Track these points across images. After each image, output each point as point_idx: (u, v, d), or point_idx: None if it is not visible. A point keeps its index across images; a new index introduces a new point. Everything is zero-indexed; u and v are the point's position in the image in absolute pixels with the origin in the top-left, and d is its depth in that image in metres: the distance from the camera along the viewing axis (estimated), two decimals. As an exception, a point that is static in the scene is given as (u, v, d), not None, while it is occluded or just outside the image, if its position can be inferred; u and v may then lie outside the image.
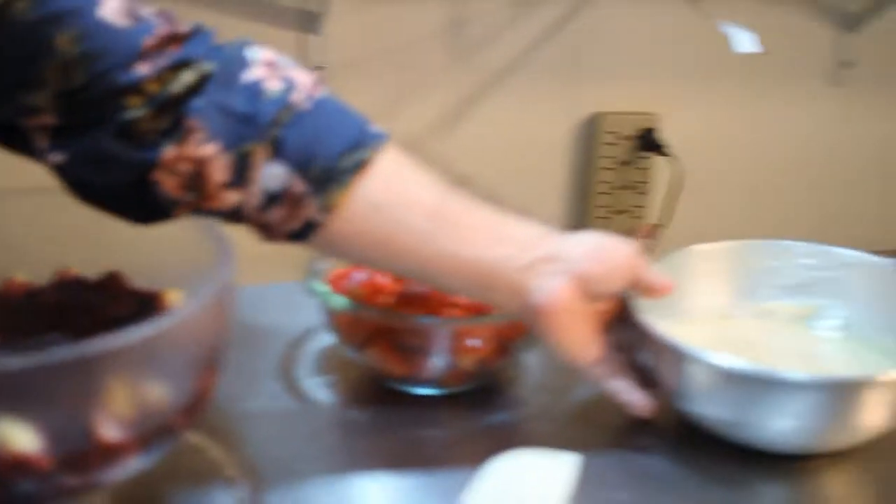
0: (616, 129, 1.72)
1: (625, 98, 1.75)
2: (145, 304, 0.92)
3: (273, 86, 0.92)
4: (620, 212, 1.76)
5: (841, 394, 0.98)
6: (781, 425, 1.00)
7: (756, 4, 1.74)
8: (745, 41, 1.41)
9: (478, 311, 1.10)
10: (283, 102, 0.91)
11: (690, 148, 1.74)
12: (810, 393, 0.98)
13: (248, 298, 1.31)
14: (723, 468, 1.03)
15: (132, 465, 0.78)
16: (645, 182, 1.75)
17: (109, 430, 0.74)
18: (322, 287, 1.12)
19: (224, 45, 0.93)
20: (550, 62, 1.72)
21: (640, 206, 1.77)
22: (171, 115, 0.88)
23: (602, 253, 1.03)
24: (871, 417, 1.00)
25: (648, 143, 1.72)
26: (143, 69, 0.87)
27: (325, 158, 0.92)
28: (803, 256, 1.22)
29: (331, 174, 0.92)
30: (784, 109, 1.84)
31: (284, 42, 1.61)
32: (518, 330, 1.12)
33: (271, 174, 0.91)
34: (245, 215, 0.93)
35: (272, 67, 0.93)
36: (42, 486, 0.73)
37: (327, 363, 1.21)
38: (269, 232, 0.95)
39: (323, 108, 0.94)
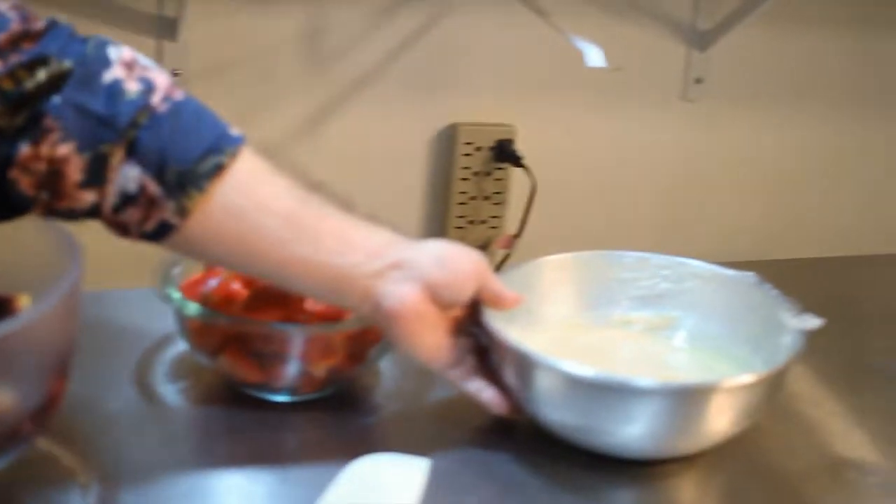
0: (473, 140, 1.74)
1: (482, 110, 1.77)
2: (-6, 309, 0.91)
3: (131, 87, 0.91)
4: (478, 222, 1.77)
5: (687, 400, 1.00)
6: (629, 431, 1.01)
7: (610, 22, 1.78)
8: (594, 56, 1.43)
9: (331, 318, 1.11)
10: (140, 104, 0.91)
11: (546, 159, 1.77)
12: (657, 399, 0.99)
13: (105, 303, 1.30)
14: (572, 473, 1.04)
15: (-20, 471, 0.77)
16: (501, 193, 1.77)
17: (-45, 435, 0.73)
18: (175, 293, 1.11)
19: (86, 40, 0.92)
20: (408, 73, 1.73)
21: (497, 217, 1.78)
22: (27, 113, 0.87)
23: (449, 261, 1.05)
24: (716, 423, 1.02)
25: (505, 154, 1.74)
26: None
27: (181, 162, 0.92)
28: (659, 268, 1.24)
29: (187, 178, 0.92)
30: (637, 123, 1.88)
31: (142, 48, 1.58)
32: (371, 337, 1.12)
33: (127, 176, 0.91)
34: (101, 215, 0.93)
35: (131, 67, 0.92)
36: None
37: (182, 369, 1.20)
38: (124, 231, 0.95)
39: (181, 111, 0.93)
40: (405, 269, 1.01)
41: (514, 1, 1.63)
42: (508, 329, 1.06)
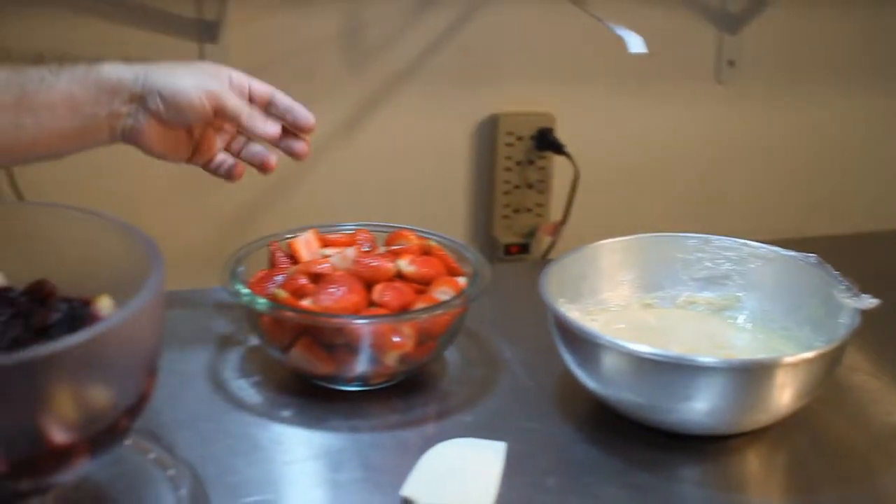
0: (514, 129, 1.75)
1: (521, 99, 1.78)
2: (76, 311, 0.92)
3: None
4: (523, 210, 1.79)
5: (748, 376, 1.02)
6: (694, 408, 1.03)
7: (642, 7, 1.78)
8: (635, 43, 1.44)
9: (401, 307, 1.13)
10: None
11: (585, 146, 1.78)
12: (719, 376, 1.01)
13: (171, 303, 1.33)
14: (642, 451, 1.07)
15: (82, 467, 0.79)
16: (544, 181, 1.78)
17: (58, 434, 0.74)
18: (244, 290, 1.13)
19: None
20: (447, 66, 1.74)
21: (541, 205, 1.79)
22: None
23: (172, 98, 1.12)
24: (778, 399, 1.04)
25: (546, 142, 1.75)
26: None
27: None
28: (721, 249, 1.26)
29: None
30: (672, 106, 1.89)
31: (186, 52, 1.61)
32: (440, 325, 1.14)
33: None
34: None
35: None
36: (-7, 489, 0.74)
37: (253, 364, 1.23)
38: None
39: None
40: (135, 104, 1.12)
41: (548, -10, 1.65)
42: (571, 311, 1.08)
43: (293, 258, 1.21)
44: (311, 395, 1.16)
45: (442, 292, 1.15)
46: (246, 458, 1.05)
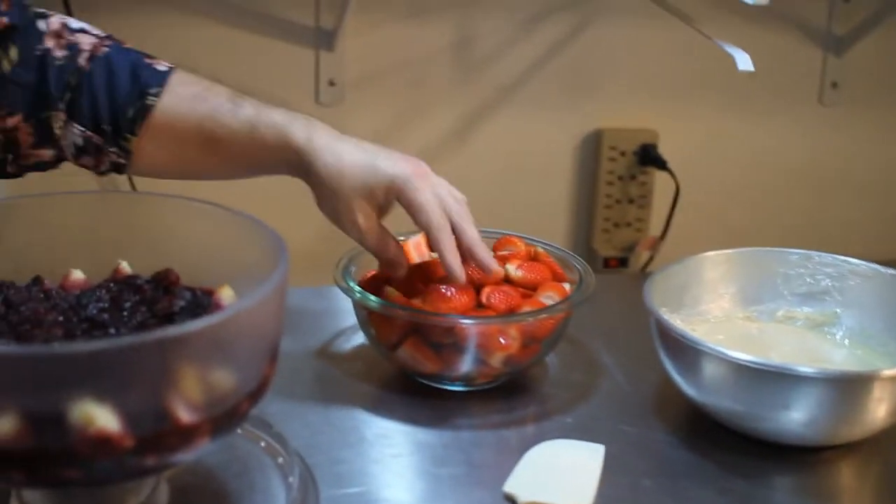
0: (617, 144, 1.77)
1: (625, 114, 1.80)
2: (199, 299, 0.96)
3: (59, 54, 1.07)
4: (623, 225, 1.81)
5: (845, 388, 1.04)
6: (790, 418, 1.05)
7: (748, 27, 1.80)
8: (744, 60, 1.46)
9: (508, 310, 1.15)
10: (69, 69, 1.07)
11: (688, 163, 1.79)
12: (817, 386, 1.03)
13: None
14: (739, 459, 1.09)
15: (203, 448, 0.82)
16: (645, 196, 1.80)
17: (184, 413, 0.78)
18: (356, 287, 1.17)
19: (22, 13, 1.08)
20: (553, 79, 1.77)
21: (641, 220, 1.81)
22: None
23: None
24: (874, 412, 1.05)
25: (648, 158, 1.77)
26: None
27: (112, 112, 1.09)
28: (821, 265, 1.28)
29: (121, 126, 1.09)
30: (775, 126, 1.90)
31: (302, 58, 1.66)
32: (545, 328, 1.17)
33: (72, 132, 1.09)
34: (68, 161, 1.12)
35: (59, 36, 1.08)
36: (120, 465, 0.77)
37: (359, 360, 1.27)
38: (92, 170, 1.13)
39: (103, 66, 1.09)
40: (300, 173, 1.16)
41: (655, 8, 1.66)
42: (672, 320, 1.11)
43: (403, 260, 1.24)
44: (416, 393, 1.19)
45: (548, 297, 1.17)
46: (352, 450, 1.08)
